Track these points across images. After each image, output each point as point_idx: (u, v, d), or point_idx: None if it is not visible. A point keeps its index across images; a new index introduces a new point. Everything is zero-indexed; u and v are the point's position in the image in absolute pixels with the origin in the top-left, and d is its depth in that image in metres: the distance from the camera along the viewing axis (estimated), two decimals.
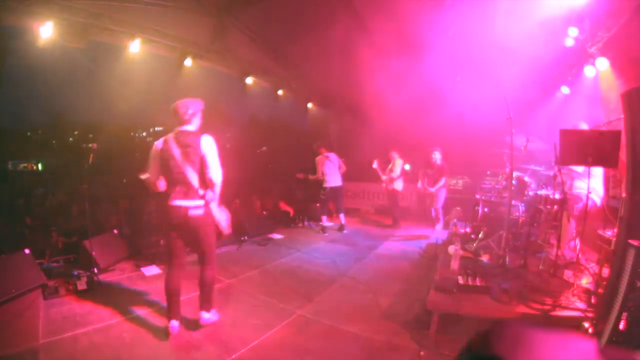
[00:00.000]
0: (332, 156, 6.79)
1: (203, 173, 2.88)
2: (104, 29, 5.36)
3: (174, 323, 2.93)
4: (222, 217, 3.05)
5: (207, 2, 6.27)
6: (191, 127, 2.97)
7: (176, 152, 2.85)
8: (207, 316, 3.07)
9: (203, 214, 2.90)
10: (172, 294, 2.94)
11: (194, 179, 2.86)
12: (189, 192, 2.87)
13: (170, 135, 2.93)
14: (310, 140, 7.41)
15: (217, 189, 2.93)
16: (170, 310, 2.95)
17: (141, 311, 3.37)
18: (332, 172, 6.72)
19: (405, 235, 6.80)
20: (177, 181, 2.88)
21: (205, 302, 3.07)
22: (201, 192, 2.88)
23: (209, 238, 3.01)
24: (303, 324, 3.23)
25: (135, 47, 5.73)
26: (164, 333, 2.91)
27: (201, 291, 3.07)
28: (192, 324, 3.10)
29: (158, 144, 2.95)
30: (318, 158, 6.75)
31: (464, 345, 0.67)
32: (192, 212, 2.86)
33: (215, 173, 2.89)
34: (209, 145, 2.90)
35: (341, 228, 6.86)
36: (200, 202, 2.89)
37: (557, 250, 3.71)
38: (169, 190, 2.92)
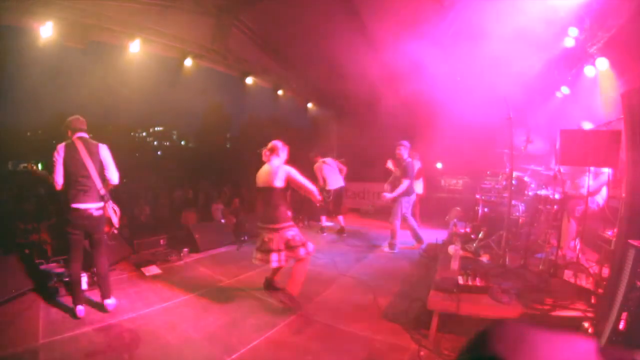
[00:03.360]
0: (329, 160, 6.81)
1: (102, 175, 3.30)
2: (104, 29, 5.36)
3: (80, 308, 3.21)
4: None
5: (207, 2, 6.27)
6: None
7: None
8: (110, 302, 3.36)
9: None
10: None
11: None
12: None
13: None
14: (310, 140, 7.37)
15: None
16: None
17: (141, 311, 3.37)
18: (331, 174, 6.71)
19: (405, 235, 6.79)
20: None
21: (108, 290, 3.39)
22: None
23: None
24: (303, 324, 3.22)
25: (135, 47, 5.72)
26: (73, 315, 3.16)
27: (105, 280, 3.37)
28: (190, 326, 3.10)
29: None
30: (316, 166, 6.72)
31: (464, 345, 0.67)
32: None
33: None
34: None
35: (340, 231, 6.81)
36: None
37: (557, 250, 3.71)
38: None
